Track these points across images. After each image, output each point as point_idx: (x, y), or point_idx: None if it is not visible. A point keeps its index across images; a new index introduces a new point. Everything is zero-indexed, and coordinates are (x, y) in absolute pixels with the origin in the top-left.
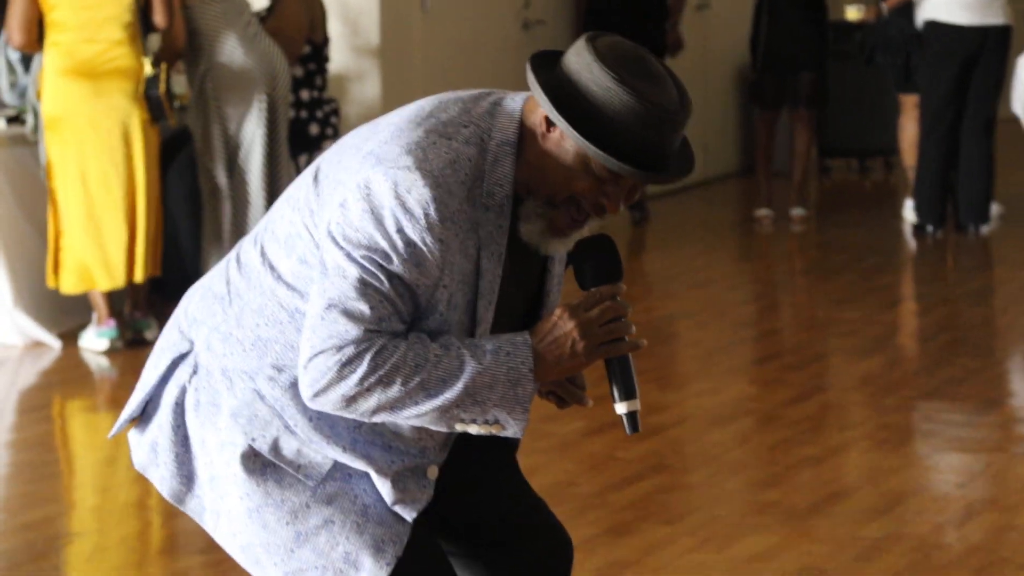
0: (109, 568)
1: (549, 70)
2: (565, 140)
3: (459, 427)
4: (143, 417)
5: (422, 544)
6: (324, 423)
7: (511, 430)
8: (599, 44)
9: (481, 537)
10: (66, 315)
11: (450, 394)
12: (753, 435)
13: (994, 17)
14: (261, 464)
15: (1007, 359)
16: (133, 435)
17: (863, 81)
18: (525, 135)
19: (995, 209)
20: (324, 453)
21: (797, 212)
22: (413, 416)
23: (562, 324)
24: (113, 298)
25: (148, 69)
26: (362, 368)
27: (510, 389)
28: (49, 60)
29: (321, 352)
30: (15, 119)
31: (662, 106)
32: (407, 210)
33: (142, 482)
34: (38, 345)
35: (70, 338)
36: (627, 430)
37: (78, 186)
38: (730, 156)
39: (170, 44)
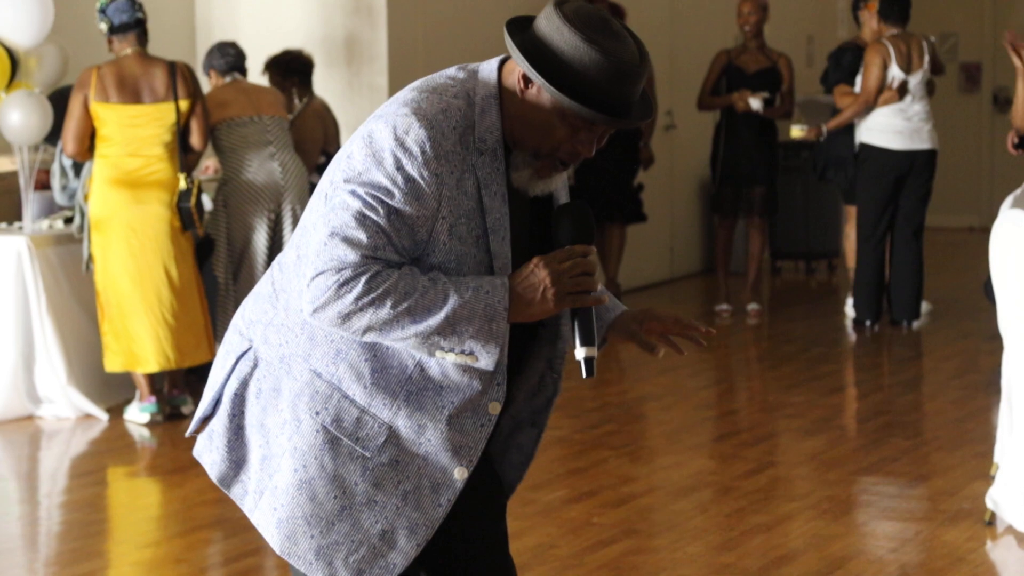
0: None
1: (523, 33)
2: (542, 95)
3: (438, 354)
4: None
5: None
6: (378, 385)
7: (483, 361)
8: (566, 9)
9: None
10: (113, 392)
11: (433, 321)
12: (712, 504)
13: (921, 143)
14: (322, 440)
15: (934, 439)
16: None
17: (810, 193)
18: (505, 93)
19: (925, 307)
20: (382, 417)
21: (752, 307)
22: (399, 339)
23: (537, 271)
24: (154, 377)
25: (183, 184)
26: (357, 289)
27: (486, 324)
28: (98, 169)
29: (322, 272)
30: (70, 220)
31: (624, 60)
32: (405, 148)
33: (179, 540)
34: (88, 418)
35: (116, 412)
36: (583, 373)
37: (118, 280)
38: (694, 258)
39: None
